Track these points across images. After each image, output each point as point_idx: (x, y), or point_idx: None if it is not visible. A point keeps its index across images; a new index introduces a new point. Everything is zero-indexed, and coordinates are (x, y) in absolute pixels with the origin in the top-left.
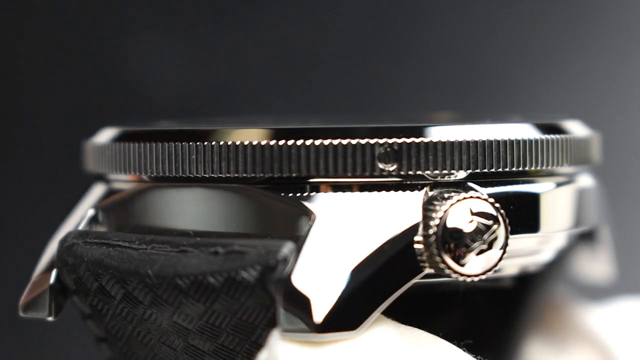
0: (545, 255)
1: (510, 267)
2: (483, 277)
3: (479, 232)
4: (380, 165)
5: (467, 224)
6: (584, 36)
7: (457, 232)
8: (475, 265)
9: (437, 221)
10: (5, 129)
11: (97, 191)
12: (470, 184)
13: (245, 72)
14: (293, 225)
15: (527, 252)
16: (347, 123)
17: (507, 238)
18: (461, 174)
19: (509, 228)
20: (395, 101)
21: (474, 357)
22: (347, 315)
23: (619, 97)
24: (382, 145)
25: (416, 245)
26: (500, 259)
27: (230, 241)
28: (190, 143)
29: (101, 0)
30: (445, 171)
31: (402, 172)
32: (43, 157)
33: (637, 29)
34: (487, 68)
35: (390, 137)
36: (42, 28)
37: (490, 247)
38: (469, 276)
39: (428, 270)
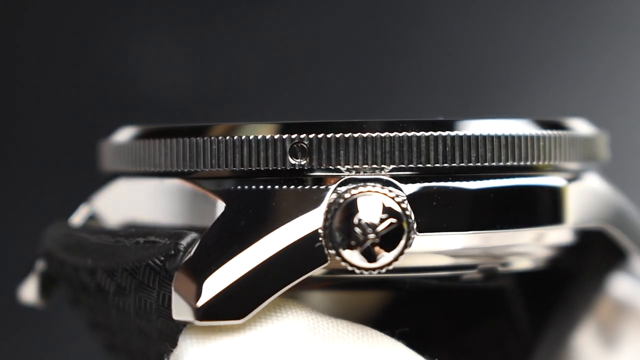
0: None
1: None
2: (382, 270)
3: (371, 227)
4: (292, 160)
5: (361, 218)
6: (584, 36)
7: (349, 225)
8: (366, 259)
9: (332, 214)
10: (5, 129)
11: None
12: (390, 180)
13: (245, 72)
14: (208, 217)
15: (517, 248)
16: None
17: (408, 235)
18: (383, 170)
19: (414, 225)
20: (395, 102)
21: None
22: (233, 303)
23: (618, 97)
24: (293, 140)
25: (320, 238)
26: (399, 254)
27: (153, 231)
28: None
29: (101, 0)
30: (366, 166)
31: (312, 167)
32: (43, 157)
33: (637, 29)
34: (487, 68)
35: (300, 133)
36: (42, 28)
37: (385, 242)
38: (365, 269)
39: (331, 262)
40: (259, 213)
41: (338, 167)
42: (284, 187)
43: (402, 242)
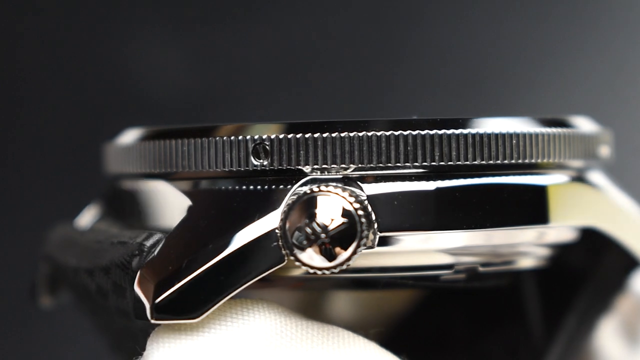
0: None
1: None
2: (335, 270)
3: (322, 227)
4: (254, 161)
5: (313, 219)
6: (584, 36)
7: (301, 226)
8: (320, 259)
9: (287, 214)
10: (5, 129)
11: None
12: (351, 180)
13: (245, 72)
14: (176, 217)
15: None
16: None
17: (361, 235)
18: (346, 170)
19: (372, 225)
20: (395, 102)
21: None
22: (188, 302)
23: (618, 97)
24: (255, 141)
25: (277, 238)
26: (352, 254)
27: (126, 233)
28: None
29: (101, 0)
30: (326, 166)
31: (274, 168)
32: (43, 157)
33: (637, 29)
34: (487, 68)
35: (262, 134)
36: (42, 28)
37: (338, 242)
38: (318, 269)
39: (288, 262)
40: (220, 213)
41: (300, 167)
42: (245, 187)
43: (355, 243)
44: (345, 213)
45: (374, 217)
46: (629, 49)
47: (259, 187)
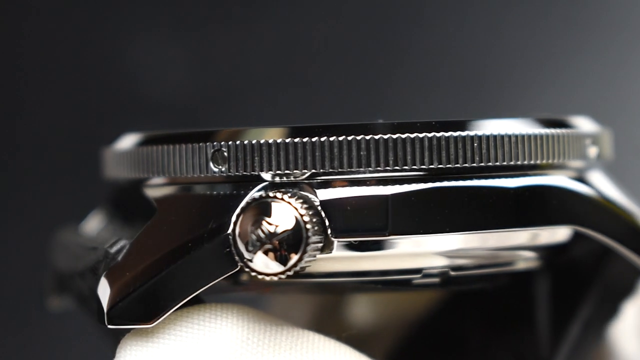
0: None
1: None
2: (282, 276)
3: (268, 234)
4: (213, 167)
5: (260, 225)
6: (584, 36)
7: (249, 232)
8: (267, 265)
9: (236, 220)
10: (5, 130)
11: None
12: (306, 186)
13: (245, 73)
14: (143, 223)
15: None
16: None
17: (307, 241)
18: (302, 176)
19: (317, 232)
20: (395, 102)
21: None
22: (141, 307)
23: (618, 97)
24: (214, 147)
25: (229, 244)
26: (299, 260)
27: (100, 239)
28: None
29: (101, 0)
30: (287, 171)
31: (231, 173)
32: (43, 157)
33: (637, 29)
34: (488, 68)
35: (221, 140)
36: (42, 29)
37: (283, 248)
38: (265, 275)
39: (241, 268)
40: (180, 219)
41: (256, 173)
42: (204, 193)
43: (301, 249)
44: (291, 220)
45: (327, 223)
46: (629, 49)
47: (216, 193)
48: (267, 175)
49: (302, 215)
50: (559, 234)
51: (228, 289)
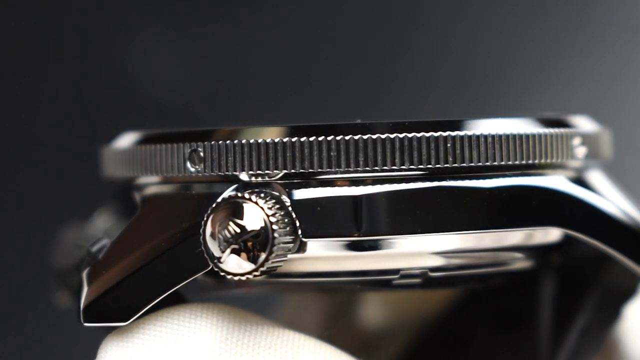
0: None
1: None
2: (250, 276)
3: (234, 234)
4: (190, 167)
5: (226, 225)
6: (584, 36)
7: (217, 232)
8: (235, 265)
9: (206, 220)
10: (5, 130)
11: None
12: (278, 186)
13: (244, 72)
14: (125, 223)
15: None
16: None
17: (272, 242)
18: (276, 176)
19: (286, 233)
20: (396, 102)
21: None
22: (116, 306)
23: (618, 97)
24: (191, 147)
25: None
26: (265, 261)
27: (87, 238)
28: None
29: (101, 0)
30: (259, 171)
31: (207, 173)
32: (43, 157)
33: (637, 28)
34: (488, 68)
35: (197, 140)
36: (42, 29)
37: (250, 249)
38: (234, 274)
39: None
40: (157, 219)
41: (230, 173)
42: (181, 193)
43: (267, 250)
44: (258, 220)
45: (298, 224)
46: (629, 49)
47: (193, 193)
48: (241, 175)
49: (269, 216)
50: (546, 234)
51: (215, 287)
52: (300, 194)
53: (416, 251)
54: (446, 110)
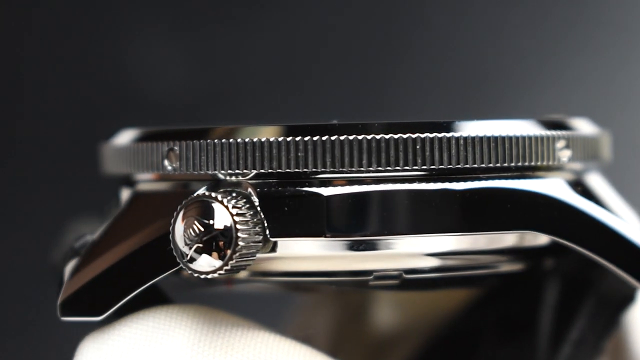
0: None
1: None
2: (216, 275)
3: (198, 233)
4: (167, 165)
5: (191, 224)
6: (584, 36)
7: (183, 231)
8: (200, 263)
9: (175, 218)
10: (6, 130)
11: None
12: (247, 185)
13: (244, 72)
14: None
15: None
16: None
17: (236, 242)
18: (247, 175)
19: (248, 231)
20: (396, 102)
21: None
22: (89, 301)
23: (618, 97)
24: (168, 145)
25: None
26: (229, 260)
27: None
28: None
29: (101, 0)
30: (231, 171)
31: (182, 172)
32: (43, 158)
33: (637, 29)
34: (488, 68)
35: (174, 139)
36: (42, 29)
37: (212, 249)
38: (202, 273)
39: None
40: (135, 215)
41: (204, 172)
42: (159, 190)
43: (230, 250)
44: (223, 219)
45: (266, 223)
46: (629, 49)
47: (169, 191)
48: (214, 174)
49: (233, 215)
50: (524, 238)
51: (201, 285)
52: (269, 193)
53: (384, 253)
54: (445, 110)
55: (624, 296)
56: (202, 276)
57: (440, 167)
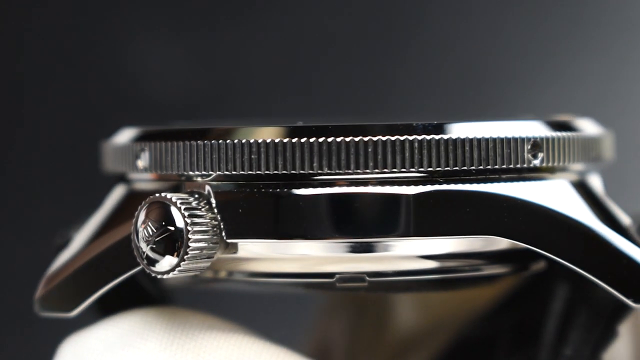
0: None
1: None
2: (170, 275)
3: (151, 233)
4: (139, 165)
5: (147, 224)
6: (584, 36)
7: (139, 231)
8: (155, 263)
9: (135, 219)
10: (6, 130)
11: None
12: (206, 186)
13: (245, 72)
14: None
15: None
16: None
17: (187, 243)
18: (208, 176)
19: (199, 232)
20: (396, 102)
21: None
22: (62, 297)
23: (618, 97)
24: (141, 146)
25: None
26: (181, 260)
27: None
28: None
29: (101, 0)
30: (192, 172)
31: (151, 172)
32: (44, 158)
33: (637, 29)
34: (488, 68)
35: (145, 140)
36: (42, 29)
37: (164, 249)
38: (158, 273)
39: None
40: (110, 214)
41: (169, 172)
42: (132, 190)
43: (183, 249)
44: (175, 220)
45: (222, 225)
46: (629, 49)
47: (139, 191)
48: (180, 175)
49: (184, 217)
50: (476, 243)
51: (194, 283)
52: (226, 195)
53: (333, 256)
54: (446, 110)
55: (616, 304)
56: (159, 276)
57: (393, 170)
